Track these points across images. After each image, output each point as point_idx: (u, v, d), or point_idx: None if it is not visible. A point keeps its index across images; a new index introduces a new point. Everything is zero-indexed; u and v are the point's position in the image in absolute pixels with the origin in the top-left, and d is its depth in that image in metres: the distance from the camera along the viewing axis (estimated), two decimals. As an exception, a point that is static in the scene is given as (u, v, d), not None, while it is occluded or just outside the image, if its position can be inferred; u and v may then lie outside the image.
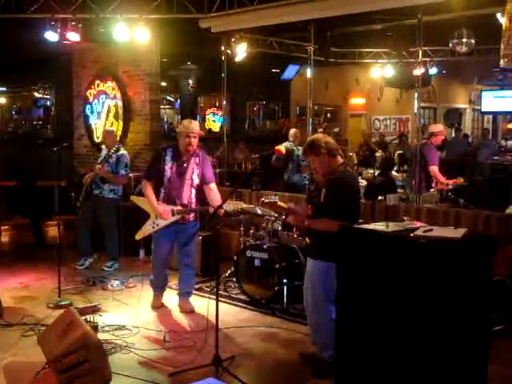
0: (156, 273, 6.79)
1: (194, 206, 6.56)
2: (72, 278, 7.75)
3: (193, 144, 6.35)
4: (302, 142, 9.18)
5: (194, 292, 7.05)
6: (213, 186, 6.54)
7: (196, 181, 6.46)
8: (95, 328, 5.64)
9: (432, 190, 8.44)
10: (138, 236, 6.73)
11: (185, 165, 6.44)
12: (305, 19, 8.62)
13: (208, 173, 6.53)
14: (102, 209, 8.27)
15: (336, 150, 4.94)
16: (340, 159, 4.97)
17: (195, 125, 6.48)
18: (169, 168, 6.42)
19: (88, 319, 5.64)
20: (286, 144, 9.78)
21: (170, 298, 7.09)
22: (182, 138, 6.37)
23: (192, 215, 6.59)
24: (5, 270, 8.21)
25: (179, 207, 6.44)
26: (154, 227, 6.53)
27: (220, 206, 5.43)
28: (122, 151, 8.25)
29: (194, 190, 6.48)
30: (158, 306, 6.77)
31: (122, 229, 8.50)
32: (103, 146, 8.76)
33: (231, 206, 5.99)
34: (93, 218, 8.42)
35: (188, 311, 6.61)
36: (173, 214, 6.42)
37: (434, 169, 8.28)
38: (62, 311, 5.38)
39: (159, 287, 6.84)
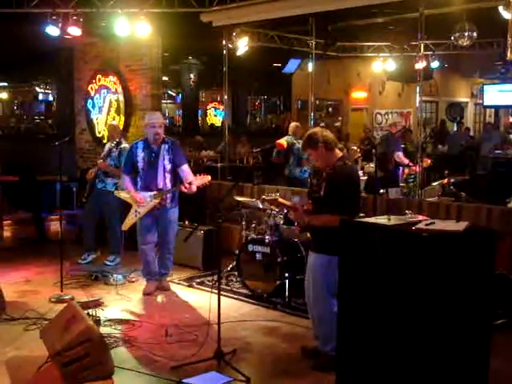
0: (143, 261, 7.13)
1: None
2: (74, 273, 7.76)
3: (159, 133, 6.84)
4: (303, 135, 9.19)
5: (196, 286, 7.22)
6: (184, 167, 6.93)
7: (168, 166, 6.89)
8: (97, 322, 5.65)
9: (434, 184, 8.46)
10: (124, 227, 7.15)
11: (155, 153, 6.88)
12: (306, 13, 8.60)
13: (178, 157, 6.94)
14: (105, 202, 8.28)
15: (334, 143, 4.95)
16: (338, 152, 4.98)
17: (158, 115, 7.13)
18: (141, 159, 6.92)
19: (90, 313, 5.65)
20: (287, 138, 9.77)
21: (172, 292, 7.13)
22: (148, 129, 6.88)
23: (169, 201, 6.90)
24: (7, 264, 8.21)
25: (155, 192, 6.82)
26: (136, 215, 6.93)
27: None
28: (124, 144, 8.29)
29: (168, 175, 6.89)
30: (148, 292, 7.01)
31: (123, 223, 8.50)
32: (105, 141, 8.82)
33: (198, 180, 6.62)
34: (97, 213, 8.44)
35: (165, 289, 7.09)
36: (150, 200, 6.80)
37: (399, 154, 9.15)
38: (64, 305, 5.40)
39: (150, 275, 7.14)
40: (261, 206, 7.21)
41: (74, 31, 8.93)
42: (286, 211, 6.86)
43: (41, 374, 4.72)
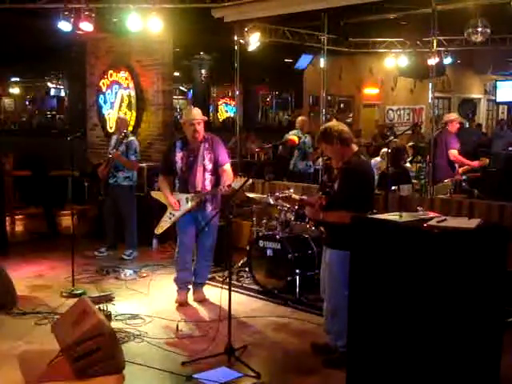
0: (178, 267, 6.67)
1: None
2: (86, 268, 7.78)
3: (199, 131, 6.38)
4: (313, 130, 9.22)
5: (207, 282, 7.06)
6: (226, 167, 6.50)
7: (209, 166, 6.42)
8: (108, 317, 5.66)
9: (446, 181, 8.41)
10: (157, 230, 6.76)
11: (194, 152, 6.44)
12: (318, 8, 8.56)
13: (220, 155, 6.49)
14: (120, 197, 8.32)
15: (350, 138, 4.89)
16: (354, 148, 4.93)
17: (197, 112, 6.49)
18: (179, 159, 6.46)
19: (101, 308, 5.67)
20: (294, 132, 9.83)
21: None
22: (186, 127, 6.43)
23: (209, 204, 6.46)
24: (19, 259, 8.26)
25: (192, 194, 6.40)
26: (170, 218, 6.54)
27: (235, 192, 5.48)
28: (131, 137, 8.32)
29: (208, 176, 6.44)
30: (180, 301, 6.57)
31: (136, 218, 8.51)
32: (114, 135, 8.88)
33: (238, 182, 5.91)
34: (115, 208, 8.44)
35: (201, 300, 6.65)
36: (187, 202, 6.40)
37: (454, 152, 8.59)
38: (75, 300, 5.42)
39: (183, 283, 6.67)
40: (272, 202, 7.18)
41: (86, 26, 8.94)
42: (296, 207, 6.85)
43: (52, 368, 4.73)
